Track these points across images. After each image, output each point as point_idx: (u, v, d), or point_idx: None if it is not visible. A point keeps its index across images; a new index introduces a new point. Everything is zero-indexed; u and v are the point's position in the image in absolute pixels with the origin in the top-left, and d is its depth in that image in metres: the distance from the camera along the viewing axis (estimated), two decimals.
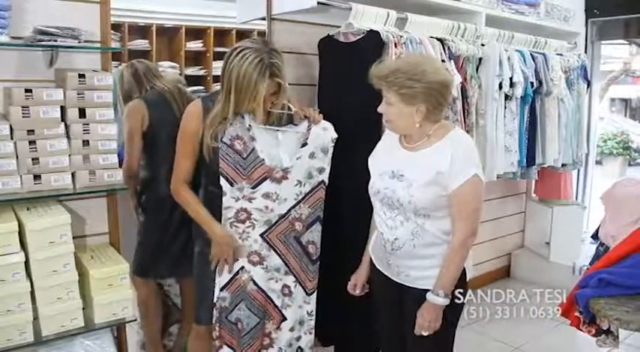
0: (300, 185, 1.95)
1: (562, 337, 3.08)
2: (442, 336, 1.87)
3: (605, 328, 2.10)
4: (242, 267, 1.94)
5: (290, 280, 2.01)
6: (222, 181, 1.87)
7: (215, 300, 1.95)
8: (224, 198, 1.89)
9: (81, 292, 1.95)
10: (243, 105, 1.84)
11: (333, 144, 1.99)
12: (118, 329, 2.23)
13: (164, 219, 2.48)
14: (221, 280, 1.95)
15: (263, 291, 1.98)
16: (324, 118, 2.04)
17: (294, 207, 1.95)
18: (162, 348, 2.73)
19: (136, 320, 2.12)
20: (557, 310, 2.30)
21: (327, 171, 1.99)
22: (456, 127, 1.86)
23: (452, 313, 1.87)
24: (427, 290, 1.79)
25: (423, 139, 1.78)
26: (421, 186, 1.72)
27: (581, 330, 2.20)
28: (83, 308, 1.97)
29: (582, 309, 2.08)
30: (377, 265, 1.92)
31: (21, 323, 1.85)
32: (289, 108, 1.97)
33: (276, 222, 1.93)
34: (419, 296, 1.80)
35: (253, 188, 1.89)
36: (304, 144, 1.95)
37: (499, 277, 4.16)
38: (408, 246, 1.78)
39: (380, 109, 1.80)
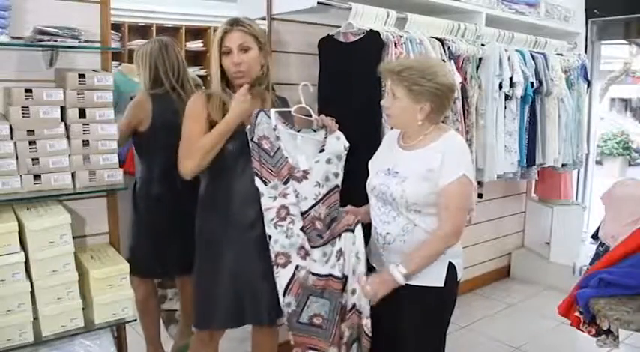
0: (318, 186, 1.99)
1: (562, 337, 3.09)
2: (432, 332, 1.91)
3: (605, 328, 2.10)
4: (296, 266, 1.94)
5: (337, 244, 1.93)
6: (258, 182, 1.91)
7: (282, 307, 1.95)
8: (262, 200, 1.91)
9: (81, 292, 1.95)
10: (215, 62, 1.94)
11: (346, 152, 2.04)
12: (118, 329, 2.23)
13: (158, 218, 2.49)
14: (280, 284, 1.94)
15: (324, 276, 1.94)
16: None
17: (313, 206, 1.98)
18: (161, 348, 2.74)
19: (135, 320, 2.12)
20: (557, 310, 2.31)
21: (341, 176, 2.04)
22: (451, 130, 1.92)
23: (442, 310, 1.91)
24: (417, 287, 1.83)
25: (419, 138, 1.84)
26: (413, 182, 1.78)
27: (581, 330, 2.20)
28: (83, 308, 1.97)
29: (582, 309, 2.08)
30: (371, 261, 1.97)
31: (21, 323, 1.85)
32: (310, 113, 2.03)
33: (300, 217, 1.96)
34: (409, 292, 1.83)
35: (284, 184, 1.93)
36: (322, 150, 2.01)
37: (499, 277, 4.16)
38: (398, 241, 1.84)
39: (384, 102, 1.86)
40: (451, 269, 1.85)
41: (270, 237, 1.92)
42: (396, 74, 1.77)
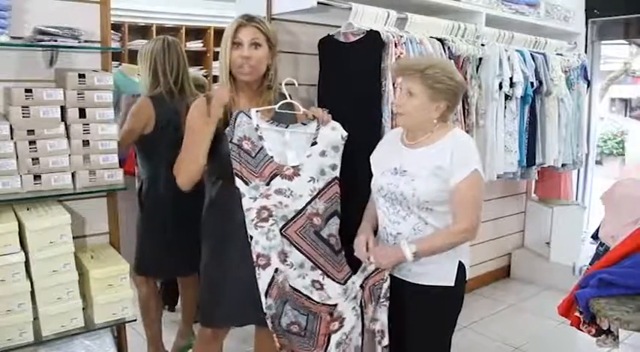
0: (313, 181, 1.96)
1: (562, 337, 3.09)
2: (441, 332, 1.91)
3: (605, 328, 2.10)
4: (276, 269, 1.91)
5: (317, 274, 1.95)
6: (238, 182, 1.88)
7: (264, 309, 1.92)
8: (243, 200, 1.89)
9: (81, 292, 1.95)
10: (226, 54, 1.92)
11: (343, 142, 2.01)
12: (118, 329, 2.23)
13: (163, 218, 2.49)
14: (261, 286, 1.91)
15: (297, 291, 1.94)
16: None
17: (310, 202, 1.95)
18: (162, 347, 2.74)
19: (135, 320, 2.12)
20: (557, 310, 2.30)
21: (339, 167, 2.01)
22: (456, 127, 1.92)
23: (451, 309, 1.90)
24: (428, 286, 1.83)
25: (426, 136, 1.84)
26: (423, 180, 1.78)
27: (581, 330, 2.20)
28: (83, 308, 1.97)
29: (582, 309, 2.08)
30: None
31: (21, 323, 1.85)
32: (293, 107, 1.98)
33: (292, 218, 1.93)
34: (419, 291, 1.84)
35: (267, 185, 1.91)
36: (314, 143, 1.97)
37: (499, 277, 4.17)
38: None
39: (397, 101, 1.86)
40: (461, 268, 1.86)
41: (251, 237, 1.89)
42: (420, 72, 1.76)
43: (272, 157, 1.91)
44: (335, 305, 1.92)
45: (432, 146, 1.81)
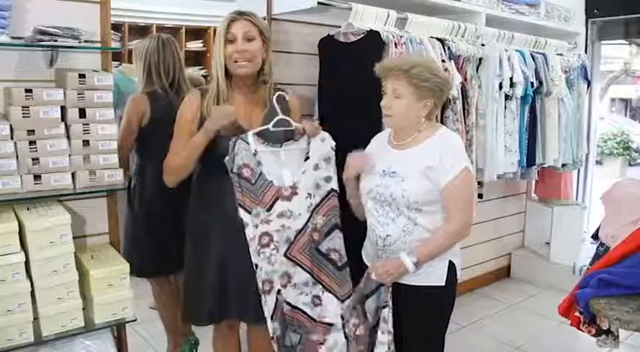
0: (310, 197, 1.96)
1: (562, 337, 3.09)
2: (434, 332, 1.91)
3: (605, 328, 2.10)
4: (278, 291, 1.94)
5: (318, 289, 1.98)
6: (242, 212, 1.88)
7: (270, 332, 1.95)
8: (247, 230, 1.89)
9: (81, 292, 1.95)
10: (220, 51, 1.91)
11: (334, 152, 2.01)
12: (118, 329, 2.23)
13: (154, 216, 2.48)
14: (267, 312, 1.94)
15: (296, 308, 1.97)
16: (325, 118, 2.04)
17: (309, 219, 1.96)
18: (179, 337, 2.73)
19: (136, 320, 2.12)
20: (558, 310, 2.30)
21: (335, 178, 2.00)
22: (442, 126, 1.93)
23: (443, 309, 1.91)
24: (419, 286, 1.83)
25: (413, 136, 1.85)
26: (413, 181, 1.79)
27: (581, 330, 2.20)
28: (83, 308, 1.97)
29: (582, 309, 2.08)
30: (367, 262, 1.98)
31: (21, 323, 1.85)
32: (288, 123, 1.97)
33: (295, 238, 1.95)
34: (410, 292, 1.84)
35: (268, 210, 1.91)
36: (307, 158, 1.97)
37: (499, 277, 4.16)
38: (399, 242, 1.84)
39: (385, 103, 1.85)
40: (451, 268, 1.86)
41: (256, 265, 1.91)
42: (405, 72, 1.76)
43: (271, 182, 1.92)
44: (331, 325, 1.95)
45: (420, 146, 1.82)
